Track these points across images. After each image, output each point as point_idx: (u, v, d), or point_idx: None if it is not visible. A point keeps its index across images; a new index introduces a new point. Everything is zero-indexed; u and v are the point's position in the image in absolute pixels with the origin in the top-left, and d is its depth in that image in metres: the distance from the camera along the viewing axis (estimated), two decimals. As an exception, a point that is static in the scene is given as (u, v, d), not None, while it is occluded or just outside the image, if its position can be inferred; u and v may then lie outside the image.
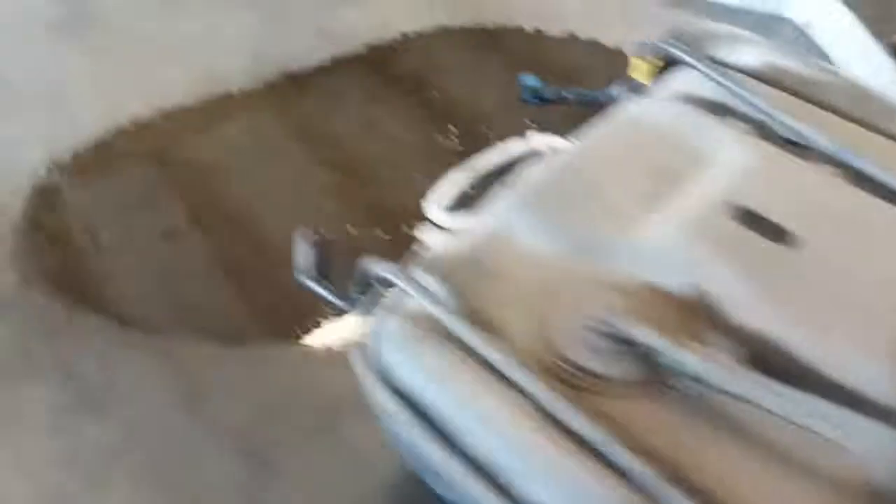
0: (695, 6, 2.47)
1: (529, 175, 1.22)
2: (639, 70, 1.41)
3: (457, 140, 2.09)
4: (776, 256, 1.06)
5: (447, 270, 1.05)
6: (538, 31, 2.43)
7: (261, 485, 1.38)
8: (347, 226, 1.86)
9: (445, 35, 2.40)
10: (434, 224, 1.45)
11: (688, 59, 1.31)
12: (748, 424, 0.92)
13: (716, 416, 0.93)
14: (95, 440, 1.46)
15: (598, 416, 0.90)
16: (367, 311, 1.08)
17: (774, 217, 1.09)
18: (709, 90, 1.29)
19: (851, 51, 2.23)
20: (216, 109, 2.14)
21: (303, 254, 1.25)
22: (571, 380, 0.95)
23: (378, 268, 1.07)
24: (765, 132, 1.23)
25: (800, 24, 2.41)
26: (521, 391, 0.92)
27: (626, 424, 0.91)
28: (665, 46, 1.34)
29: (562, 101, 1.89)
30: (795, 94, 1.29)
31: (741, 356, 0.97)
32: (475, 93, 2.21)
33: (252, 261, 1.79)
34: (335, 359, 1.55)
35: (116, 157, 2.00)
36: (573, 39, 2.40)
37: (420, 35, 2.39)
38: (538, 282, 1.06)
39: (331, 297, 1.21)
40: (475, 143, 2.03)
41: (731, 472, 0.88)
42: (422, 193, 1.83)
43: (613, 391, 0.95)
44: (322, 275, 1.24)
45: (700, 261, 1.05)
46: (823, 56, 2.28)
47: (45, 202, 1.89)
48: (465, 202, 1.55)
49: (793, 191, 1.14)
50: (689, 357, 0.92)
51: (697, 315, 1.01)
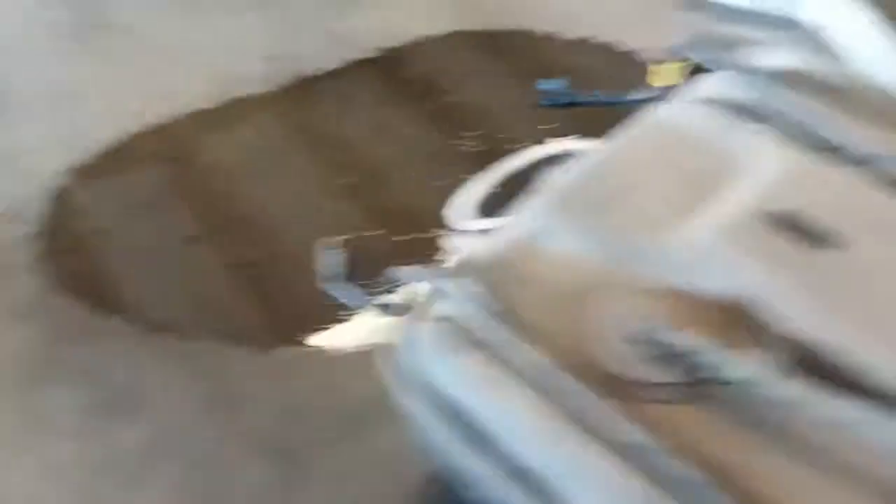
0: (706, 9, 2.47)
1: (558, 179, 1.21)
2: (658, 76, 1.42)
3: (469, 144, 2.09)
4: (817, 261, 1.05)
5: (480, 274, 1.05)
6: (550, 35, 2.42)
7: (291, 487, 1.38)
8: (362, 230, 1.86)
9: (457, 39, 2.39)
10: (458, 229, 1.44)
11: (721, 63, 1.30)
12: (795, 431, 0.91)
13: (761, 423, 0.92)
14: (125, 443, 1.45)
15: (642, 423, 0.90)
16: (393, 315, 1.07)
17: (814, 222, 1.08)
18: (739, 94, 1.28)
19: (871, 53, 2.22)
20: (230, 113, 2.13)
21: (326, 262, 1.25)
22: (613, 386, 0.95)
23: (410, 272, 1.07)
24: (797, 136, 1.23)
25: (815, 27, 2.41)
26: (564, 397, 0.92)
27: (671, 431, 0.90)
28: (697, 50, 1.34)
29: (582, 105, 1.89)
30: (824, 98, 1.28)
31: (785, 362, 0.96)
32: (487, 96, 2.21)
33: (268, 264, 1.78)
34: (359, 362, 1.54)
35: (132, 161, 2.00)
36: (585, 43, 2.39)
37: (432, 39, 2.38)
38: (572, 286, 1.05)
39: (356, 303, 1.21)
40: (487, 147, 2.04)
41: (780, 479, 0.88)
42: (435, 197, 1.83)
43: (655, 397, 0.94)
44: (346, 281, 1.24)
45: (739, 267, 1.04)
46: (839, 59, 2.27)
47: (63, 207, 1.88)
48: (491, 207, 1.55)
49: (830, 195, 1.14)
50: (738, 362, 0.91)
51: (738, 322, 1.00)
